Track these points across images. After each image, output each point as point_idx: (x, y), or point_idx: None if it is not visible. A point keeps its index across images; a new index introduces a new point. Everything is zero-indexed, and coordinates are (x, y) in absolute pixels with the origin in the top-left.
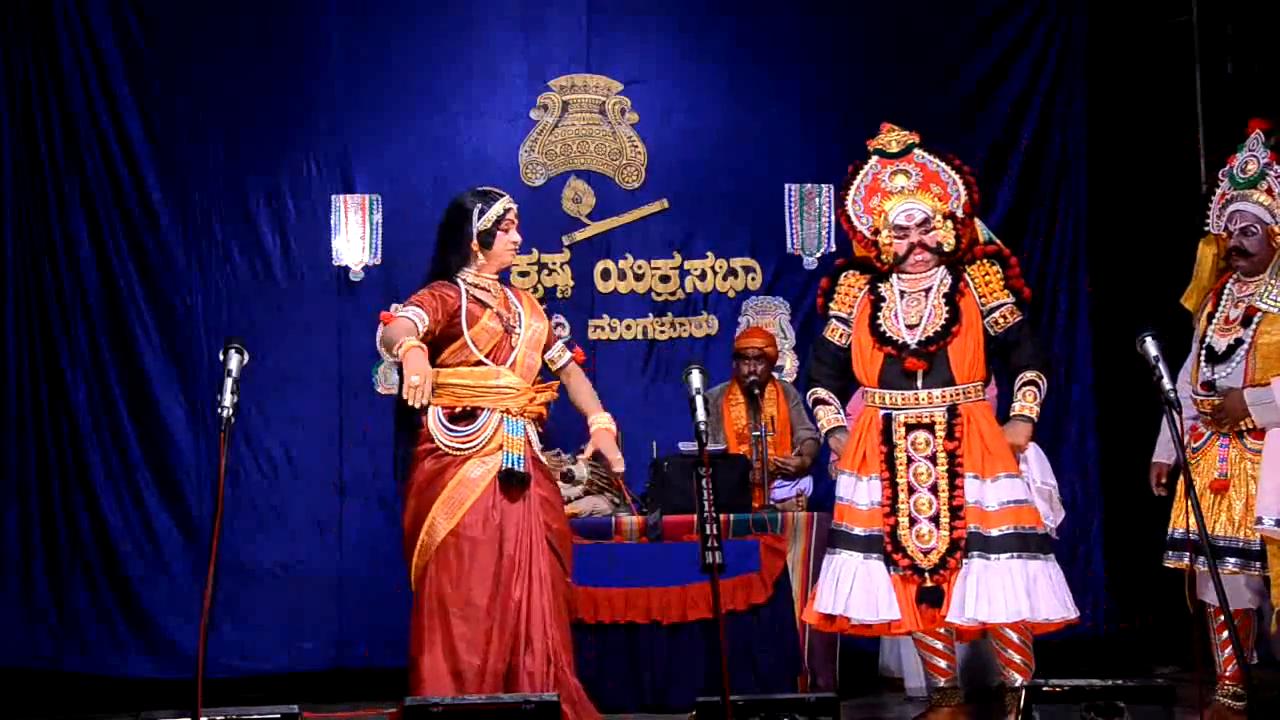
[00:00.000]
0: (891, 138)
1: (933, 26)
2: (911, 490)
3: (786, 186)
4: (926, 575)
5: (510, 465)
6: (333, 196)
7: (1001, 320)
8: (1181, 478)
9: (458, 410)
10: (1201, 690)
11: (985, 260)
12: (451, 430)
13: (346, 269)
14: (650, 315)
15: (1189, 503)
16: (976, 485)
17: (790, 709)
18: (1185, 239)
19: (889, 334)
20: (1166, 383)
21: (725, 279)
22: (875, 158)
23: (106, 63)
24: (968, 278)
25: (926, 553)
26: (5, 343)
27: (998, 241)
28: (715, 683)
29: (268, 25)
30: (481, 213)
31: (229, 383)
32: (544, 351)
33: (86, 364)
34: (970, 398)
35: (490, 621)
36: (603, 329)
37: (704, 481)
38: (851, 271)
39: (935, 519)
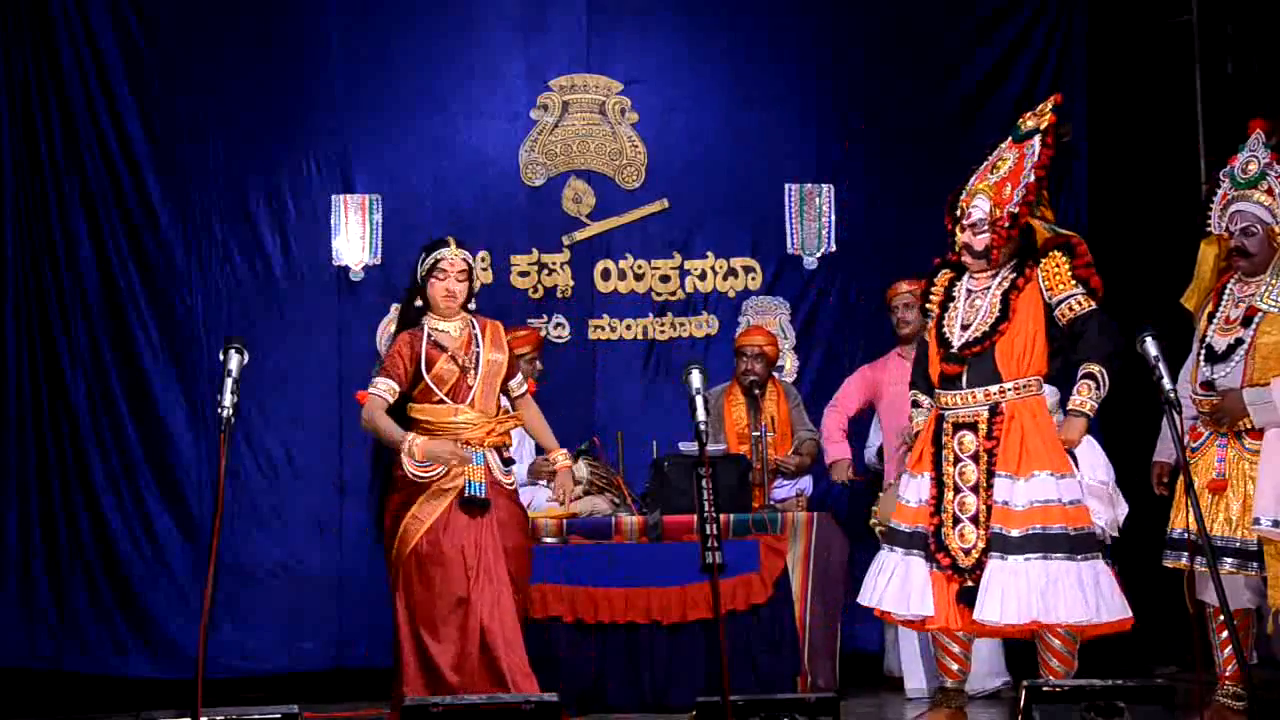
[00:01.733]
0: (1033, 119)
1: (933, 26)
2: (957, 490)
3: (786, 186)
4: (966, 575)
5: (471, 493)
6: (333, 196)
7: (1068, 311)
8: (1181, 477)
9: None
10: (1201, 690)
11: (1055, 251)
12: (419, 461)
13: (346, 269)
14: (650, 315)
15: (1189, 502)
16: (1008, 484)
17: (790, 709)
18: (1185, 239)
19: (946, 334)
20: (1166, 382)
21: (725, 279)
22: (1008, 139)
23: (106, 63)
24: (1037, 272)
25: (967, 552)
26: (5, 343)
27: (1064, 232)
28: (715, 683)
29: (268, 25)
30: (421, 262)
31: (229, 383)
32: (506, 380)
33: (86, 364)
34: (1019, 394)
35: (453, 623)
36: (603, 329)
37: (704, 481)
38: (944, 270)
39: (976, 519)
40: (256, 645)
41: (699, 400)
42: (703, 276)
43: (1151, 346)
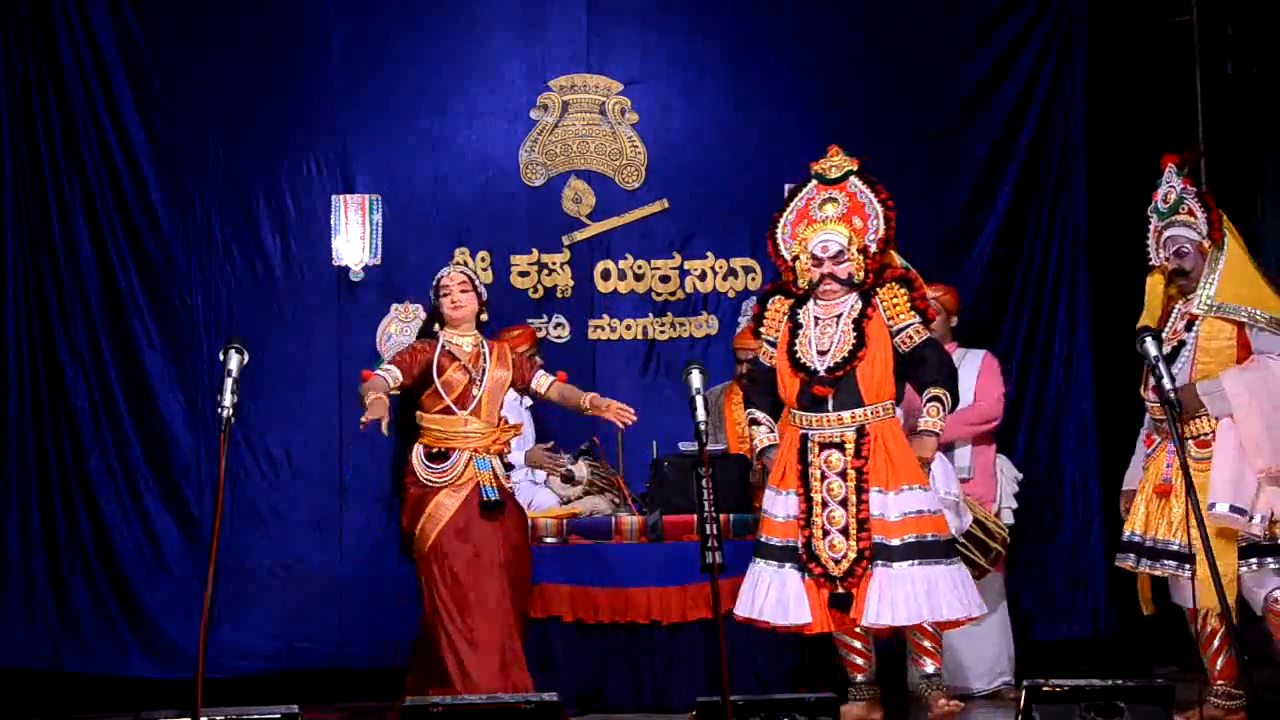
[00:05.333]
0: (833, 163)
1: (933, 26)
2: (825, 505)
3: (786, 186)
4: (838, 582)
5: (487, 496)
6: (333, 196)
7: (908, 339)
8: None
9: (434, 450)
10: (1201, 690)
11: (893, 283)
12: (429, 466)
13: (346, 269)
14: (650, 315)
15: (1189, 502)
16: (881, 499)
17: (790, 709)
18: None
19: (802, 360)
20: (1167, 382)
21: (725, 279)
22: (814, 182)
23: (106, 63)
24: (877, 300)
25: (838, 561)
26: (5, 343)
27: (910, 267)
28: (715, 683)
29: (268, 25)
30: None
31: (229, 383)
32: (523, 388)
33: (86, 364)
34: (879, 417)
35: (476, 616)
36: (603, 329)
37: (704, 481)
38: (778, 296)
39: (845, 531)
40: (256, 645)
41: (699, 400)
42: (703, 276)
43: (1151, 347)
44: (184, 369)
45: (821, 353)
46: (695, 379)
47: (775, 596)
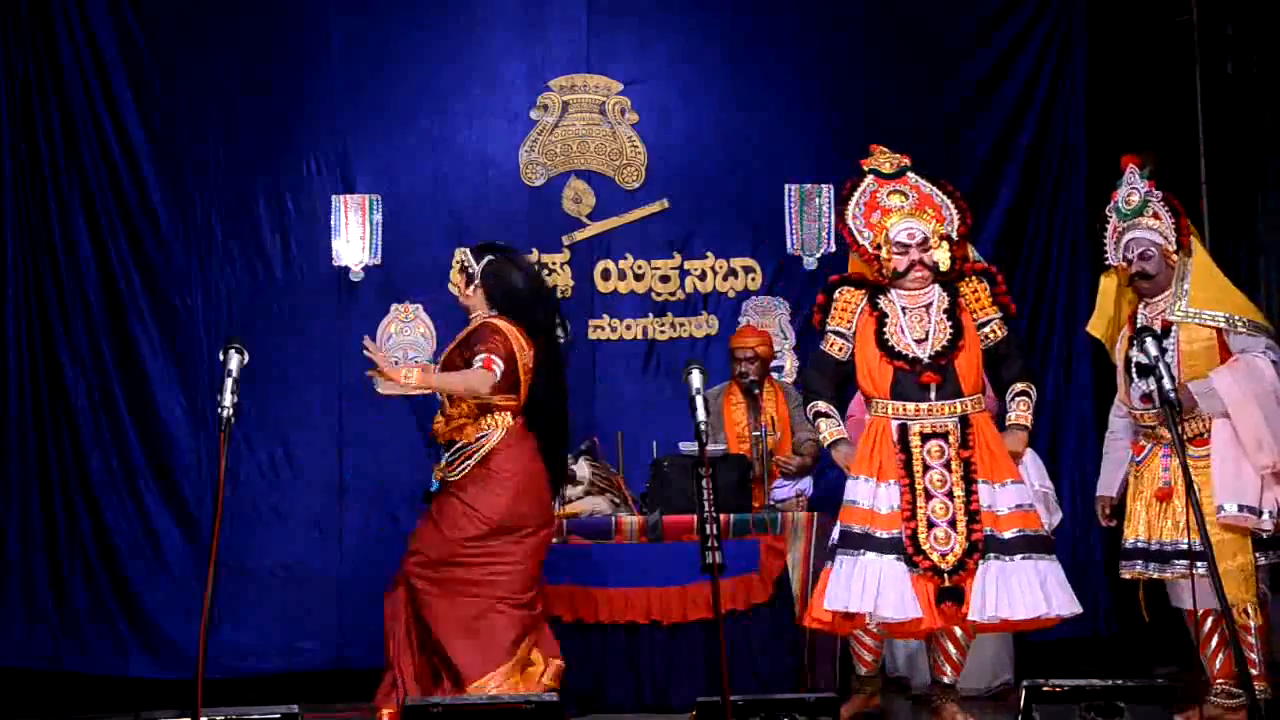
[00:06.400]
0: (884, 159)
1: (933, 26)
2: (928, 496)
3: (786, 186)
4: (946, 576)
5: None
6: (333, 196)
7: (991, 335)
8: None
9: None
10: (1201, 690)
11: (974, 277)
12: None
13: (346, 269)
14: (650, 315)
15: (1189, 503)
16: (988, 490)
17: (790, 709)
18: None
19: (898, 348)
20: (1167, 382)
21: (725, 279)
22: (871, 176)
23: (106, 62)
24: (961, 293)
25: (944, 555)
26: (5, 343)
27: (984, 261)
28: (715, 683)
29: (268, 25)
30: None
31: (229, 383)
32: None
33: (86, 364)
34: (976, 408)
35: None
36: (603, 329)
37: (704, 481)
38: (847, 287)
39: (952, 523)
40: (256, 645)
41: (699, 400)
42: (703, 276)
43: (1152, 346)
44: (184, 369)
45: (918, 341)
46: (695, 379)
47: (884, 590)
